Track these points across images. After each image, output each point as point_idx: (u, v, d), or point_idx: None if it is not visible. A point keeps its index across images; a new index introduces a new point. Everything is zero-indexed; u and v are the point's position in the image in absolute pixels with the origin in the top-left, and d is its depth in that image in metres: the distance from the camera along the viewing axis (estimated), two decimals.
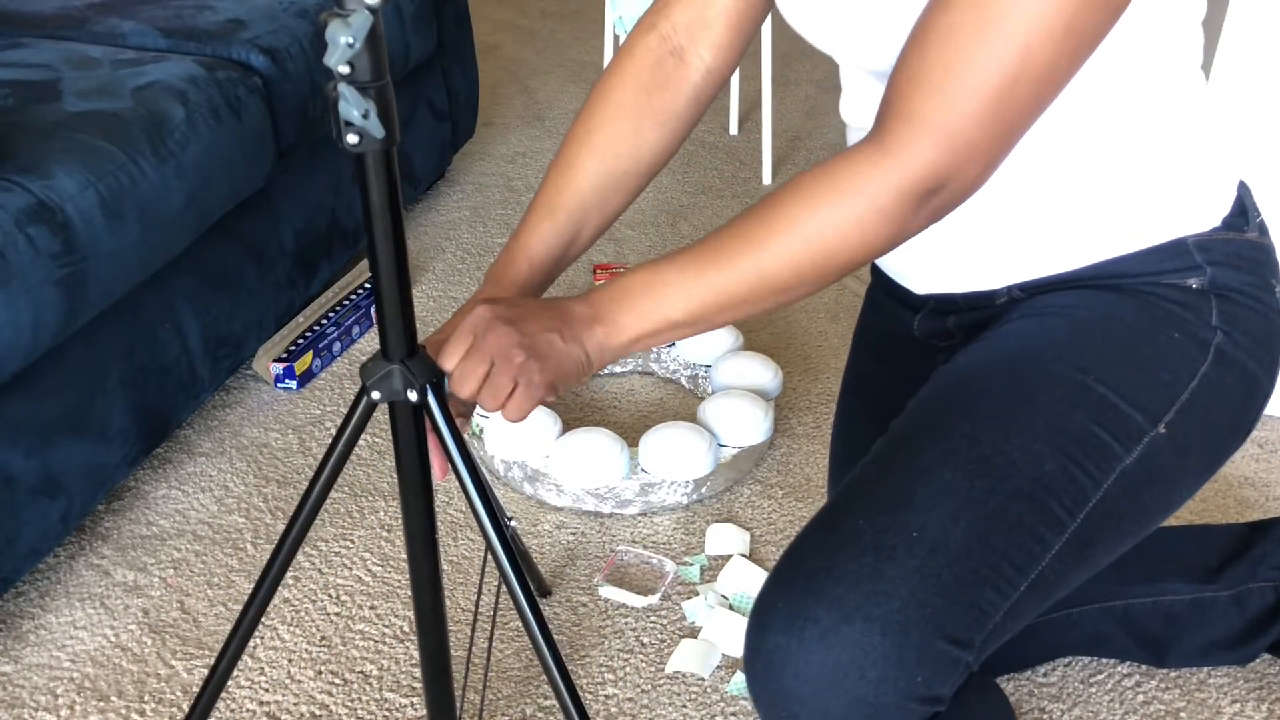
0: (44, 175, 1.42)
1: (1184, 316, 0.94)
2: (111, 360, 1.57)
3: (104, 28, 1.87)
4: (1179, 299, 0.95)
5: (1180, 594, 1.32)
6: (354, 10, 0.79)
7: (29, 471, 1.43)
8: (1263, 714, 1.35)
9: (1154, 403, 0.91)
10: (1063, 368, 0.92)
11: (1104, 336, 0.94)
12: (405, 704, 1.38)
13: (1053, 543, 0.86)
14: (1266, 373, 0.98)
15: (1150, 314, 0.95)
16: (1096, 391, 0.90)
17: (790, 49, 3.32)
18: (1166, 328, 0.93)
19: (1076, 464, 0.87)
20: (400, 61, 2.17)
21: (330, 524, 1.65)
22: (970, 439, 0.88)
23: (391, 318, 0.95)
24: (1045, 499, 0.86)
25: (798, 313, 2.13)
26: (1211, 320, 0.95)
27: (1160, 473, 0.92)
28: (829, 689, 0.79)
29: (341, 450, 1.01)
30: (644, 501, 1.65)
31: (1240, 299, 0.96)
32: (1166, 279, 0.96)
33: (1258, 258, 0.98)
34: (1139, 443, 0.90)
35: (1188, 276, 0.95)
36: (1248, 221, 0.99)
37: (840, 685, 0.78)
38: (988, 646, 0.85)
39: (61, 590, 1.55)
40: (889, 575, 0.80)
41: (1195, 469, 0.97)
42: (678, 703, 1.38)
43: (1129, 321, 0.94)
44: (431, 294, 2.19)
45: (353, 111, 0.82)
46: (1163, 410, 0.91)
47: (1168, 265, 0.96)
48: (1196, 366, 0.92)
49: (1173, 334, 0.93)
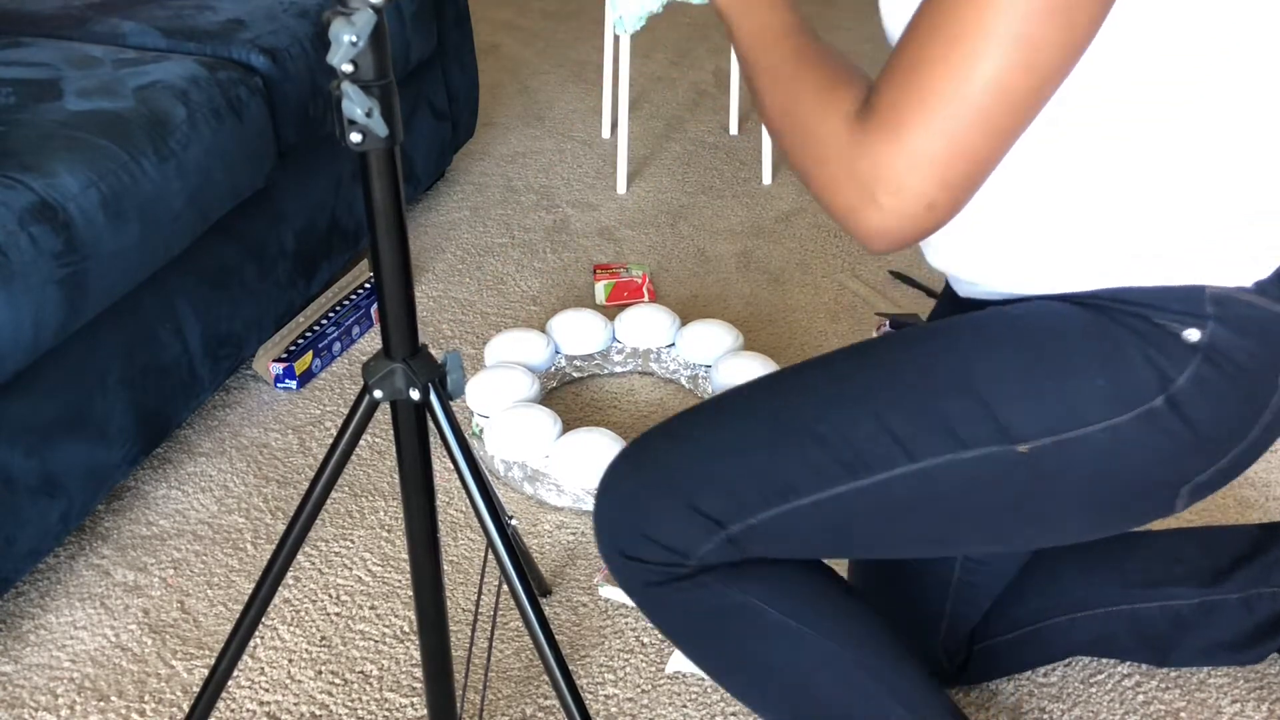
0: (46, 174, 1.42)
1: (1134, 362, 0.91)
2: (111, 360, 1.57)
3: (104, 27, 1.87)
4: (1154, 340, 0.91)
5: (1188, 597, 1.31)
6: (358, 9, 0.79)
7: (29, 471, 1.43)
8: (1263, 714, 1.35)
9: (1024, 423, 0.92)
10: (948, 356, 0.96)
11: (1020, 349, 0.95)
12: (405, 704, 1.38)
13: (837, 483, 0.95)
14: (1211, 446, 0.94)
15: (1090, 350, 0.93)
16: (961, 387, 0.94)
17: None
18: (1097, 367, 0.92)
19: (893, 434, 0.94)
20: (401, 61, 2.17)
21: (330, 524, 1.65)
22: (809, 380, 1.00)
23: (394, 317, 0.96)
24: (840, 445, 0.95)
25: (798, 313, 2.13)
26: (1175, 380, 0.91)
27: (1008, 486, 0.94)
28: (605, 522, 1.02)
29: (343, 449, 1.01)
30: None
31: (1229, 369, 0.91)
32: (1160, 318, 0.92)
33: (1276, 333, 0.92)
34: (984, 447, 0.93)
35: (1187, 324, 0.91)
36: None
37: (611, 520, 1.02)
38: (750, 540, 0.98)
39: (61, 590, 1.55)
40: (672, 452, 1.00)
41: (1072, 508, 0.96)
42: (678, 703, 1.38)
43: (1060, 348, 0.94)
44: (431, 294, 2.19)
45: (356, 110, 0.82)
46: (1033, 433, 0.92)
47: (1172, 305, 0.91)
48: (1108, 416, 0.91)
49: (1097, 379, 0.92)
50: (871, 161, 0.78)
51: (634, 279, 2.19)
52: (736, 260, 2.30)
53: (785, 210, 2.49)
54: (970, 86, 0.75)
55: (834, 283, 2.23)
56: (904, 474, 0.94)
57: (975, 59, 0.75)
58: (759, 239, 2.38)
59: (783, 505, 0.97)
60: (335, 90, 0.83)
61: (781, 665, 1.04)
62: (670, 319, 1.95)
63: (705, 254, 2.33)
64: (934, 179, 0.77)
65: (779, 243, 2.36)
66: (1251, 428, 0.94)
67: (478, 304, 2.17)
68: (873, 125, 0.79)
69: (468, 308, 2.16)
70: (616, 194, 2.56)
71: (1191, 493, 0.98)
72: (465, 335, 2.08)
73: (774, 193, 2.56)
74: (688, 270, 2.27)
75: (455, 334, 2.08)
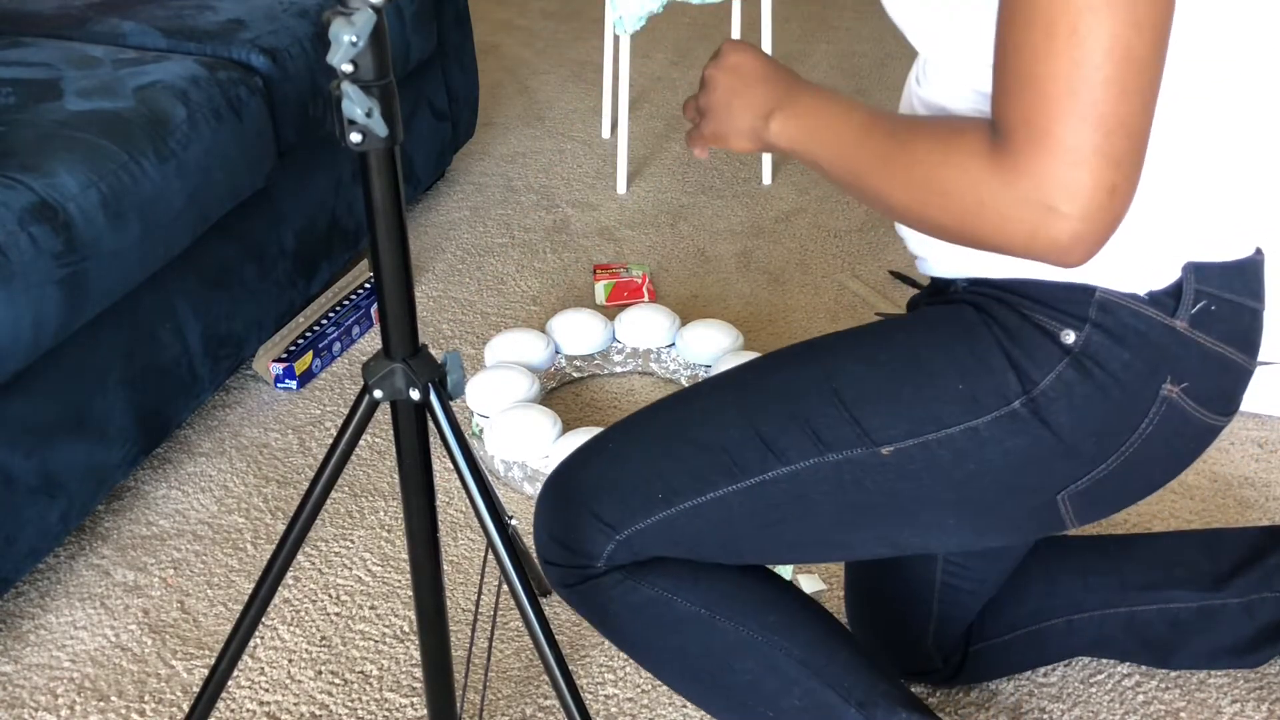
0: (46, 174, 1.42)
1: (995, 367, 0.93)
2: (111, 360, 1.57)
3: (104, 27, 1.87)
4: (1023, 339, 0.92)
5: (1187, 601, 1.30)
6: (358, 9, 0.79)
7: (29, 471, 1.43)
8: (1263, 714, 1.35)
9: (886, 427, 0.96)
10: (815, 368, 1.00)
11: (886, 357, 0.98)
12: (405, 704, 1.38)
13: (716, 487, 1.00)
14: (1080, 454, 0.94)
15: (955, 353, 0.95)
16: (826, 396, 0.98)
17: (790, 49, 3.32)
18: (957, 374, 0.94)
19: (764, 439, 0.99)
20: (401, 61, 2.17)
21: (330, 524, 1.65)
22: (697, 393, 1.06)
23: (394, 316, 0.96)
24: (717, 452, 1.00)
25: (798, 313, 2.13)
26: (1038, 382, 0.91)
27: (874, 487, 0.97)
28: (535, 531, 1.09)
29: (343, 449, 1.01)
30: None
31: (1100, 376, 0.91)
32: (1043, 315, 0.92)
33: (1165, 346, 0.91)
34: (847, 449, 0.97)
35: (1065, 326, 0.91)
36: (1178, 307, 0.91)
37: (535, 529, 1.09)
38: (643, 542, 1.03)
39: (61, 590, 1.55)
40: (581, 465, 1.07)
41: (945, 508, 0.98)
42: (677, 702, 1.38)
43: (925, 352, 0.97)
44: (431, 294, 2.19)
45: (356, 110, 0.82)
46: (895, 436, 0.95)
47: (1059, 304, 0.92)
48: (965, 419, 0.94)
49: (957, 384, 0.94)
50: (1034, 181, 0.77)
51: (634, 279, 2.19)
52: (736, 260, 2.30)
53: (785, 210, 2.49)
54: (1090, 64, 0.74)
55: (834, 283, 2.23)
56: (775, 476, 0.99)
57: (1081, 37, 0.73)
58: (759, 239, 2.38)
59: (666, 510, 1.02)
60: (335, 90, 0.83)
61: (698, 653, 1.07)
62: (670, 319, 1.95)
63: (705, 254, 2.33)
64: (1102, 164, 0.75)
65: (779, 243, 2.36)
66: (1126, 440, 0.93)
67: (478, 304, 2.17)
68: (1016, 147, 0.77)
69: (468, 308, 2.16)
70: (616, 194, 2.56)
71: (1075, 504, 0.97)
72: (465, 335, 2.08)
73: (774, 193, 2.56)
74: (688, 270, 2.27)
75: (455, 334, 2.08)
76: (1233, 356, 0.95)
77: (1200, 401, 0.94)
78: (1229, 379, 0.96)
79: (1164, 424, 0.93)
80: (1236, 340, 0.95)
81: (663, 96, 3.06)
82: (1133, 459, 0.95)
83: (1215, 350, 0.93)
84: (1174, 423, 0.94)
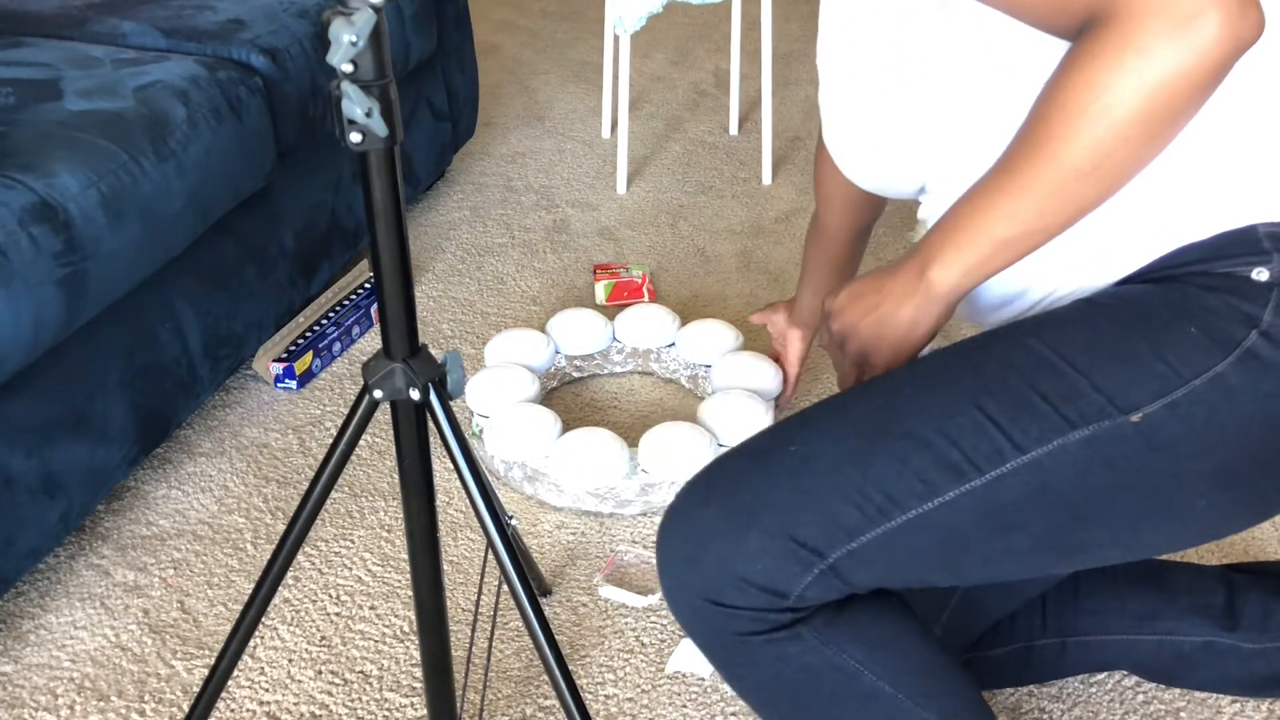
0: (46, 174, 1.42)
1: (1215, 308, 0.85)
2: (111, 360, 1.57)
3: (104, 27, 1.87)
4: (1225, 287, 0.86)
5: (1191, 635, 1.24)
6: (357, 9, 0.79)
7: (29, 471, 1.43)
8: (1263, 714, 1.35)
9: (1129, 390, 0.84)
10: (1030, 340, 0.88)
11: (1103, 320, 0.88)
12: (405, 704, 1.38)
13: (945, 489, 0.86)
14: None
15: (1172, 305, 0.86)
16: (1055, 365, 0.86)
17: (790, 49, 3.32)
18: (1184, 320, 0.85)
19: (997, 423, 0.85)
20: (400, 61, 2.17)
21: (330, 524, 1.65)
22: (895, 383, 0.91)
23: (394, 316, 0.96)
24: (943, 446, 0.85)
25: None
26: (1261, 317, 0.84)
27: (1125, 465, 0.85)
28: (681, 561, 0.89)
29: (343, 450, 1.01)
30: (644, 501, 1.65)
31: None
32: (1222, 266, 0.86)
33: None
34: (1094, 423, 0.85)
35: (1252, 265, 0.85)
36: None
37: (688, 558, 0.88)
38: (853, 568, 0.87)
39: (61, 590, 1.55)
40: (755, 474, 0.88)
41: (1198, 484, 0.87)
42: (678, 703, 1.38)
43: (1141, 311, 0.87)
44: (431, 294, 2.19)
45: (356, 110, 0.82)
46: (1141, 400, 0.84)
47: (1230, 251, 0.86)
48: (1209, 364, 0.84)
49: (1188, 327, 0.85)
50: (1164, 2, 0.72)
51: (634, 279, 2.19)
52: (736, 260, 2.30)
53: (785, 210, 2.49)
54: None
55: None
56: (1014, 468, 0.85)
57: None
58: (759, 239, 2.37)
59: (886, 523, 0.86)
60: (335, 90, 0.83)
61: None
62: (670, 318, 1.95)
63: (705, 254, 2.33)
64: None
65: (779, 243, 2.36)
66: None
67: (478, 304, 2.17)
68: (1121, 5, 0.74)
69: (468, 308, 2.16)
70: (616, 194, 2.56)
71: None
72: (465, 335, 2.08)
73: (774, 193, 2.56)
74: (688, 270, 2.27)
75: (455, 334, 2.08)
76: None
77: None
78: None
79: None
80: None
81: (663, 96, 3.06)
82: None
83: None
84: None
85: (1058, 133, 0.79)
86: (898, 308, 0.91)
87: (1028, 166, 0.81)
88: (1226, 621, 1.24)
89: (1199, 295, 0.87)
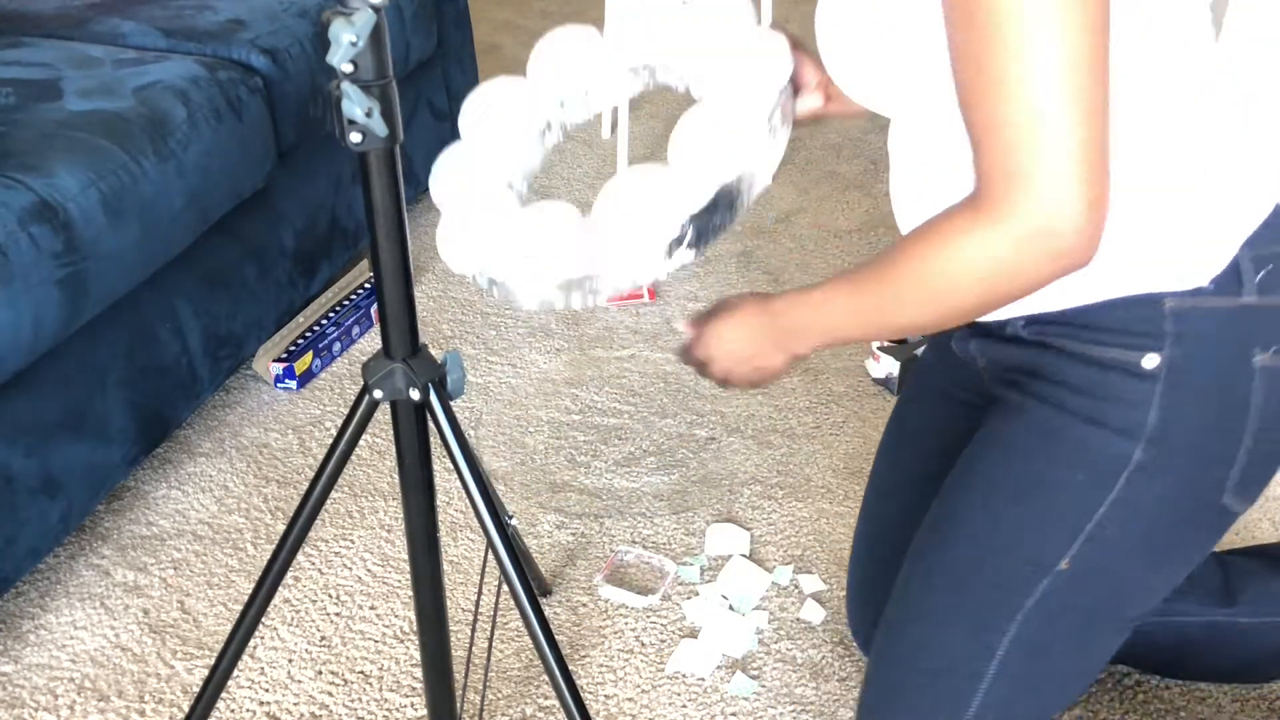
0: (46, 174, 1.42)
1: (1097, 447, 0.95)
2: (111, 360, 1.57)
3: (104, 27, 1.87)
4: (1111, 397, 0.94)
5: (1194, 615, 1.28)
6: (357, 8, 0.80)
7: (29, 471, 1.43)
8: (1263, 712, 1.35)
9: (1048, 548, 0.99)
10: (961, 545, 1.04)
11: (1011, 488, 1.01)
12: (405, 704, 1.38)
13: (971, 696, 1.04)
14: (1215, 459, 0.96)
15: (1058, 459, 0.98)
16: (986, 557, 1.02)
17: None
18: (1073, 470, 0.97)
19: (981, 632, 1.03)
20: (401, 61, 2.17)
21: (330, 524, 1.65)
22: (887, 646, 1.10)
23: (394, 316, 0.96)
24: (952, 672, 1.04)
25: None
26: (1144, 422, 0.93)
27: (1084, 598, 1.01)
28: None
29: (343, 450, 1.01)
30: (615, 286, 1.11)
31: (1196, 383, 0.93)
32: (1113, 350, 0.94)
33: (1242, 325, 0.93)
34: (1036, 586, 1.00)
35: (1146, 351, 0.93)
36: (1241, 284, 0.92)
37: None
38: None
39: (61, 590, 1.55)
40: None
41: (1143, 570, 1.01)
42: (678, 703, 1.38)
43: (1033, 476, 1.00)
44: (431, 294, 2.19)
45: (356, 110, 0.82)
46: (1061, 548, 0.99)
47: (1135, 327, 0.93)
48: (1104, 495, 0.96)
49: (1076, 476, 0.97)
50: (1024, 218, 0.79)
51: None
52: (736, 260, 2.30)
53: (785, 210, 2.49)
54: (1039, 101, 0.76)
55: None
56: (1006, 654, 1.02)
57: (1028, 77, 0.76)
58: (759, 239, 2.37)
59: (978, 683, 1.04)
60: (335, 90, 0.83)
61: None
62: None
63: (705, 254, 2.33)
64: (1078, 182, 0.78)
65: (779, 243, 2.36)
66: (1245, 419, 0.95)
67: (478, 304, 2.17)
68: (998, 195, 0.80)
69: (468, 308, 2.16)
70: None
71: (1238, 495, 0.99)
72: (465, 335, 2.08)
73: (774, 193, 2.56)
74: (687, 270, 2.27)
75: (455, 334, 2.08)
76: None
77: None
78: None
79: (1274, 387, 0.94)
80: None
81: (663, 97, 3.06)
82: (1265, 427, 0.95)
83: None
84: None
85: (907, 282, 0.89)
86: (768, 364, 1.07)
87: (878, 291, 0.92)
88: (1225, 598, 1.28)
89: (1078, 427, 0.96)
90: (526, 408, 1.90)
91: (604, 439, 1.82)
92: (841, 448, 1.79)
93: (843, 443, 1.80)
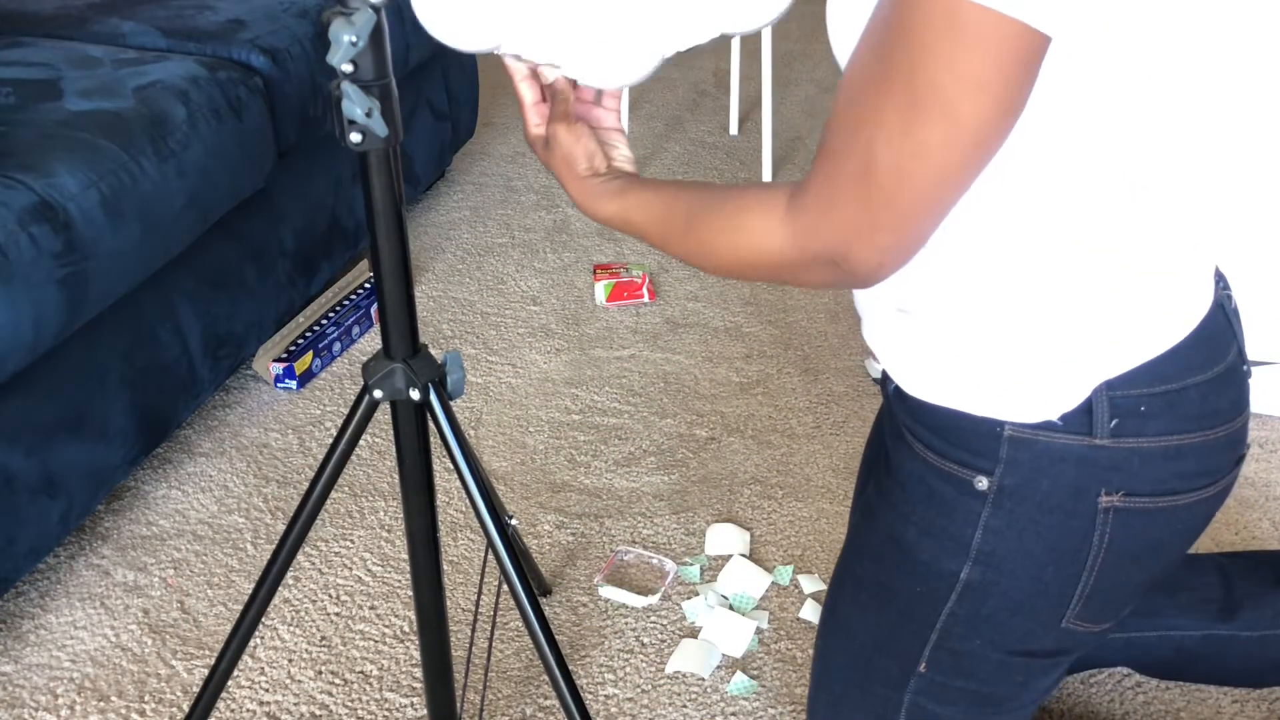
0: (46, 174, 1.42)
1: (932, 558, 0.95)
2: (111, 360, 1.57)
3: (104, 27, 1.87)
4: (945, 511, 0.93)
5: (1190, 629, 1.26)
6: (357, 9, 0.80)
7: (29, 471, 1.43)
8: (1263, 713, 1.35)
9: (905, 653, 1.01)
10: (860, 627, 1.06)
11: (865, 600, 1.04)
12: (405, 704, 1.38)
13: None
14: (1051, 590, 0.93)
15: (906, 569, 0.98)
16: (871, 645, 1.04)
17: (790, 49, 3.32)
18: (911, 580, 0.98)
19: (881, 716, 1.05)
20: (401, 61, 2.17)
21: (330, 524, 1.65)
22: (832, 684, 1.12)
23: (394, 316, 0.96)
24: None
25: (798, 313, 2.13)
26: (970, 543, 0.92)
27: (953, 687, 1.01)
28: None
29: (343, 450, 1.01)
30: None
31: (1026, 511, 0.90)
32: (952, 461, 0.92)
33: (1088, 464, 0.87)
34: (907, 689, 1.02)
35: (977, 471, 0.90)
36: (1093, 424, 0.86)
37: None
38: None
39: (61, 590, 1.55)
40: None
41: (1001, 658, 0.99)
42: (678, 703, 1.38)
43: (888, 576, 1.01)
44: (431, 294, 2.19)
45: (356, 110, 0.82)
46: (915, 652, 1.00)
47: (970, 442, 0.90)
48: (940, 607, 0.97)
49: (915, 589, 0.98)
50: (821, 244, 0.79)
51: (634, 279, 2.19)
52: None
53: None
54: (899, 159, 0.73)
55: None
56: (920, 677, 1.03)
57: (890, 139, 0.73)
58: None
59: None
60: (335, 90, 0.83)
61: None
62: None
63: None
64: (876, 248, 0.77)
65: None
66: (1087, 556, 0.91)
67: (478, 304, 2.17)
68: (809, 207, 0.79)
69: (468, 308, 2.16)
70: None
71: (1084, 619, 0.95)
72: (465, 335, 2.08)
73: None
74: (688, 270, 2.27)
75: (455, 334, 2.08)
76: (1187, 440, 0.88)
77: (1160, 494, 0.89)
78: (1194, 459, 0.89)
79: (1121, 529, 0.90)
80: (1188, 422, 0.88)
81: (663, 97, 3.07)
82: (1108, 566, 0.92)
83: (1157, 446, 0.88)
84: (1135, 525, 0.90)
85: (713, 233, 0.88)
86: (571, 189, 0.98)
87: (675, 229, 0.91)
88: (1225, 613, 1.26)
89: (915, 539, 0.97)
90: (526, 408, 1.90)
91: (604, 439, 1.82)
92: (841, 448, 1.79)
93: (843, 443, 1.80)
